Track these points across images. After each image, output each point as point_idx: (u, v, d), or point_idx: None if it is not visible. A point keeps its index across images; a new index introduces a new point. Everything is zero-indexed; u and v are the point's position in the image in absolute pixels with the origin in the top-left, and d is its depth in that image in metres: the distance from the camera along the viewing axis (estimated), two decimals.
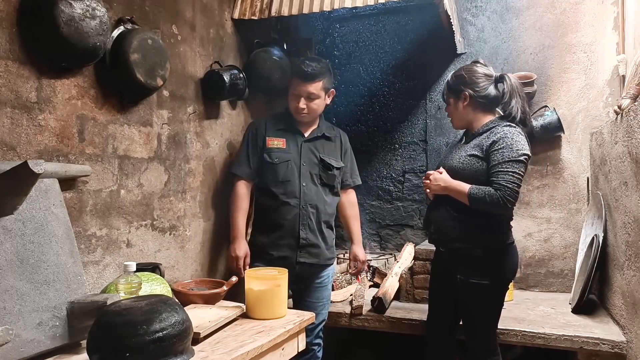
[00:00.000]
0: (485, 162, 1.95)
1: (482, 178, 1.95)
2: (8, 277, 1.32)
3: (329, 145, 2.41)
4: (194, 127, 2.37)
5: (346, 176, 2.49)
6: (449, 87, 2.12)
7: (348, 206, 2.53)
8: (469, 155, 2.00)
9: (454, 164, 2.03)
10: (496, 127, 1.99)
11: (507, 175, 1.87)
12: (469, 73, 2.06)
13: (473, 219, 1.96)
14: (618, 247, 2.21)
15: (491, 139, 1.95)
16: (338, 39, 3.50)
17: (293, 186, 2.28)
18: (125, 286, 1.56)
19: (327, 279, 2.41)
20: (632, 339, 2.03)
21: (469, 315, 2.08)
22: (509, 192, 1.85)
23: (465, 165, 1.99)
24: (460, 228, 1.99)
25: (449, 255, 2.09)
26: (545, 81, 2.93)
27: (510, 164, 1.88)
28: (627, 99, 2.09)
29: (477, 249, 1.97)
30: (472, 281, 1.98)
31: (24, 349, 1.31)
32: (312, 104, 2.28)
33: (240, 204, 2.33)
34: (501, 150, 1.91)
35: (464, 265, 2.01)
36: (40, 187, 1.47)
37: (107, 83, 1.86)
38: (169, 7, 2.20)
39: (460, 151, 2.06)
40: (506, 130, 1.95)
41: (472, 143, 2.03)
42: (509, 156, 1.89)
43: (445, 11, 2.55)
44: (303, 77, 2.25)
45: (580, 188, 2.87)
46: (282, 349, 1.72)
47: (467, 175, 1.97)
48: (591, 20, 2.85)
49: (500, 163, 1.89)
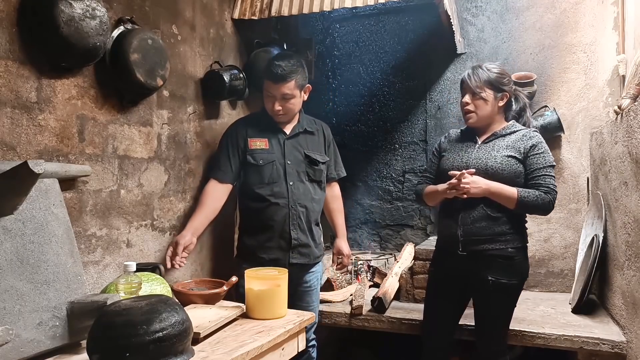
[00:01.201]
0: (522, 164, 1.98)
1: (519, 180, 1.97)
2: (8, 277, 1.32)
3: (312, 139, 2.35)
4: (194, 127, 2.37)
5: (330, 169, 2.43)
6: (491, 81, 2.03)
7: (332, 200, 2.49)
8: (505, 156, 1.98)
9: (491, 164, 1.99)
10: (524, 131, 2.04)
11: (552, 179, 1.96)
12: (504, 73, 2.08)
13: (507, 219, 1.98)
14: (618, 247, 2.21)
15: (529, 142, 1.99)
16: (338, 39, 3.50)
17: (280, 186, 2.22)
18: (125, 286, 1.56)
19: (316, 282, 2.38)
20: (632, 339, 2.03)
21: (489, 316, 2.06)
22: (555, 195, 1.95)
23: (505, 166, 1.97)
24: (495, 227, 1.98)
25: (474, 256, 2.01)
26: (545, 81, 2.94)
27: (552, 169, 1.98)
28: (627, 99, 2.09)
29: (510, 248, 1.98)
30: (503, 281, 1.97)
31: (24, 349, 1.31)
32: (287, 104, 2.21)
33: (203, 199, 2.19)
34: (542, 154, 1.97)
35: (496, 266, 1.98)
36: (40, 187, 1.47)
37: (107, 83, 1.86)
38: (169, 7, 2.20)
39: (487, 151, 2.03)
40: (539, 136, 2.03)
41: (500, 144, 2.02)
42: (550, 161, 1.98)
43: (445, 11, 2.55)
44: (274, 79, 2.16)
45: (580, 188, 2.87)
46: (282, 349, 1.72)
47: (505, 177, 1.96)
48: (591, 20, 2.85)
49: (545, 167, 1.96)
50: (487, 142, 2.06)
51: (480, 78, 2.04)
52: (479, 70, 2.06)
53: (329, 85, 3.51)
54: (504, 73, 2.07)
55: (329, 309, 2.58)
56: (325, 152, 2.39)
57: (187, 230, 2.08)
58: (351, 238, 3.32)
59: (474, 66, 2.11)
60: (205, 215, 2.17)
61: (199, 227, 2.14)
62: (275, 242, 2.23)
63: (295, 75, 2.17)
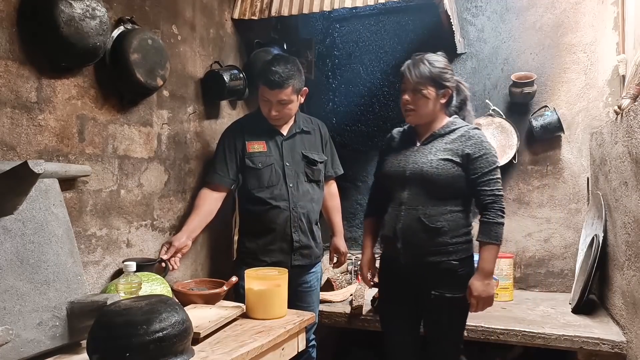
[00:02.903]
0: (461, 168, 1.86)
1: (459, 184, 1.87)
2: (8, 277, 1.32)
3: (309, 139, 2.34)
4: (194, 127, 2.37)
5: (328, 167, 2.42)
6: (433, 77, 1.87)
7: (329, 198, 2.47)
8: (441, 159, 1.86)
9: (426, 169, 1.87)
10: (464, 129, 1.92)
11: (496, 183, 1.87)
12: (447, 67, 1.92)
13: (449, 229, 1.87)
14: (618, 247, 2.21)
15: (467, 143, 1.87)
16: (338, 39, 3.50)
17: (280, 189, 2.21)
18: (125, 286, 1.56)
19: (316, 282, 2.37)
20: (632, 339, 2.03)
21: (436, 332, 1.96)
22: (501, 199, 1.86)
23: (441, 171, 1.85)
24: (436, 238, 1.86)
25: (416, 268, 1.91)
26: (545, 81, 2.94)
27: (496, 171, 1.88)
28: (627, 99, 2.08)
29: (453, 260, 1.87)
30: (447, 296, 1.87)
31: (24, 349, 1.31)
32: (284, 109, 2.18)
33: (199, 202, 2.17)
34: (484, 157, 1.86)
35: (439, 278, 1.88)
36: (40, 187, 1.47)
37: (107, 83, 1.86)
38: (169, 7, 2.20)
39: (424, 154, 1.91)
40: (479, 134, 1.91)
41: (438, 146, 1.91)
42: (492, 162, 1.87)
43: (445, 11, 2.55)
44: (270, 86, 2.11)
45: (580, 188, 2.87)
46: (282, 349, 1.72)
47: (443, 181, 1.85)
48: (591, 20, 2.85)
49: (488, 171, 1.86)
50: (425, 144, 1.94)
51: (421, 73, 1.87)
52: (420, 64, 1.89)
53: (329, 85, 3.51)
54: (446, 67, 1.92)
55: (329, 309, 2.58)
56: (322, 150, 2.38)
57: (182, 233, 2.07)
58: (351, 238, 3.32)
59: (415, 58, 1.93)
60: (201, 218, 2.15)
61: (194, 229, 2.12)
62: (277, 245, 2.22)
63: (292, 81, 2.14)
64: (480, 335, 2.27)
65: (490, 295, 1.85)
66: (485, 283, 1.84)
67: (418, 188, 1.90)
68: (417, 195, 1.90)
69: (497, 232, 1.84)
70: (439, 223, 1.86)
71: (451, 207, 1.89)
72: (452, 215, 1.88)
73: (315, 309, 2.37)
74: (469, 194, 1.92)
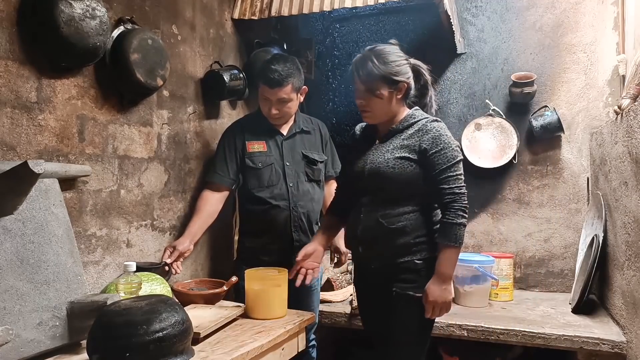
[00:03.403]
0: (419, 165, 1.74)
1: (417, 183, 1.75)
2: (8, 277, 1.32)
3: (309, 139, 2.34)
4: (194, 127, 2.37)
5: (328, 167, 2.42)
6: (384, 76, 1.74)
7: (329, 197, 2.40)
8: (397, 157, 1.75)
9: (383, 169, 1.75)
10: (421, 123, 1.79)
11: (456, 179, 1.72)
12: (398, 59, 1.77)
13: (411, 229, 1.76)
14: (618, 247, 2.21)
15: (424, 138, 1.74)
16: (338, 39, 3.50)
17: (280, 188, 2.21)
18: (125, 286, 1.56)
19: (316, 282, 2.36)
20: (632, 339, 2.03)
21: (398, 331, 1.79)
22: (461, 196, 1.71)
23: (397, 170, 1.73)
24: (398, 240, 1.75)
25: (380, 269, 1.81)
26: (545, 81, 2.93)
27: (456, 165, 1.73)
28: (627, 99, 2.08)
29: (416, 260, 1.76)
30: (409, 293, 1.74)
31: (24, 349, 1.31)
32: (284, 108, 2.19)
33: (200, 205, 2.18)
34: (442, 151, 1.72)
35: (402, 278, 1.76)
36: (40, 187, 1.47)
37: (107, 83, 1.86)
38: (169, 7, 2.20)
39: (382, 153, 1.79)
40: (437, 127, 1.76)
41: (395, 143, 1.79)
42: (452, 157, 1.72)
43: (445, 11, 2.55)
44: (270, 84, 2.12)
45: (580, 188, 2.87)
46: (282, 349, 1.72)
47: (401, 181, 1.74)
48: (591, 20, 2.85)
49: (447, 167, 1.71)
50: (384, 141, 1.83)
51: (370, 74, 1.75)
52: (368, 62, 1.75)
53: (329, 85, 3.51)
54: (398, 58, 1.77)
55: (329, 309, 2.57)
56: (322, 150, 2.39)
57: (185, 237, 2.08)
58: None
59: (363, 56, 1.79)
60: (203, 221, 2.16)
61: (197, 233, 2.13)
62: (277, 245, 2.23)
63: (292, 79, 2.15)
64: (480, 335, 2.27)
65: (447, 301, 1.72)
66: (442, 288, 1.70)
67: (376, 189, 1.80)
68: (375, 197, 1.80)
69: (457, 234, 1.69)
70: (399, 224, 1.75)
71: (412, 206, 1.77)
72: (413, 215, 1.76)
73: (315, 309, 2.37)
74: (432, 192, 1.77)
